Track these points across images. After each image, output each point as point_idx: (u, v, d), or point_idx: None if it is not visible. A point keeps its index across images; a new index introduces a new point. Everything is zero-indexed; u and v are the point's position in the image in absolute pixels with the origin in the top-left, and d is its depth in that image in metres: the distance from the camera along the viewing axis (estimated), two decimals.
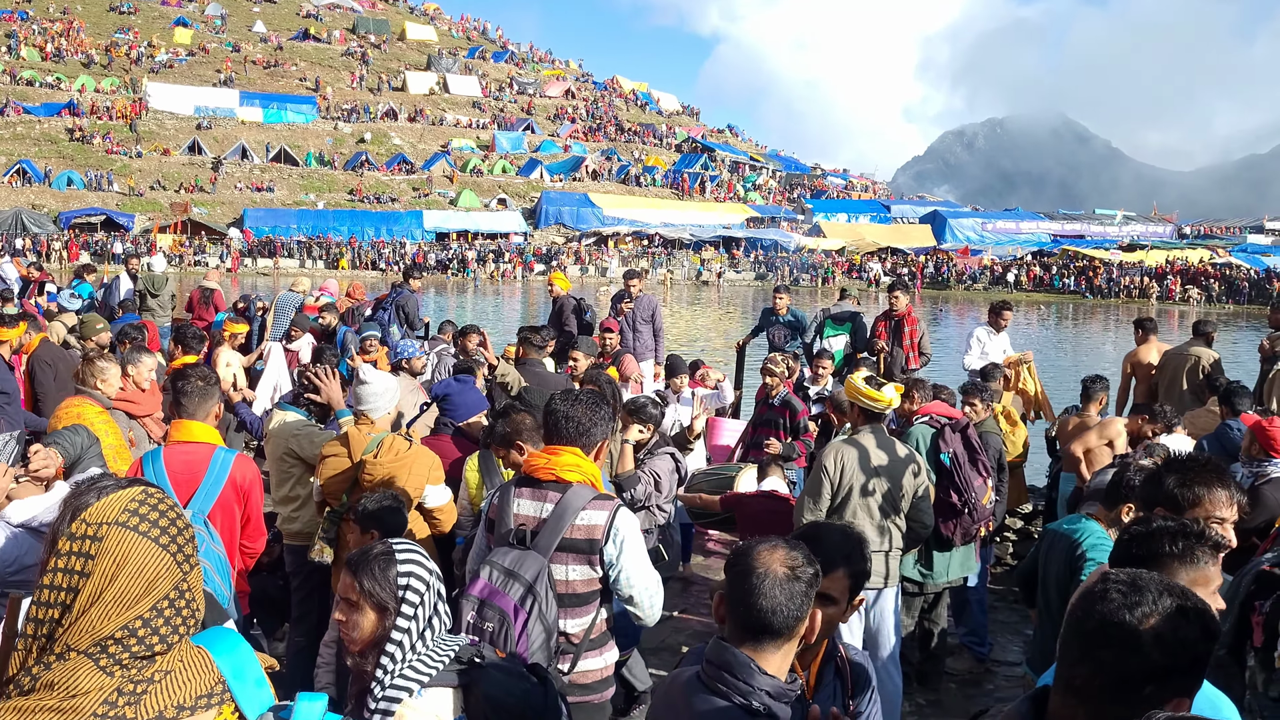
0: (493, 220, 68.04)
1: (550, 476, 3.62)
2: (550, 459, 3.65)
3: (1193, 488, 2.99)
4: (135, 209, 61.33)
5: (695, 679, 2.40)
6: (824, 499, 5.36)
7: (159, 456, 4.30)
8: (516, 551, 3.53)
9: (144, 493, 1.94)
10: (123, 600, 1.88)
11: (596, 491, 3.65)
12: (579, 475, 3.62)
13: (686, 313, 41.12)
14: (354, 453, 4.90)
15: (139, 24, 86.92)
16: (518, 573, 3.47)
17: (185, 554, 1.96)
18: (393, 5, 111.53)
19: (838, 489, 5.37)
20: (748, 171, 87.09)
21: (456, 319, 12.96)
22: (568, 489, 3.59)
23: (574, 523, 3.55)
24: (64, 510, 1.88)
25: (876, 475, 5.38)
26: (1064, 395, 12.69)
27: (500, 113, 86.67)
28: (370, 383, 5.17)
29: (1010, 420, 8.93)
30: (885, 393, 5.39)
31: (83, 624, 1.85)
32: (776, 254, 64.96)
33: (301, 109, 78.18)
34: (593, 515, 3.56)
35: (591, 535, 3.54)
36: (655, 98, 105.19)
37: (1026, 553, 9.21)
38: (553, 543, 3.52)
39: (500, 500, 3.71)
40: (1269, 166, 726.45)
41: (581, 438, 3.69)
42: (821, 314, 11.71)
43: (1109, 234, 76.95)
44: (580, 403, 3.75)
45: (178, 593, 1.94)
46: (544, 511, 3.59)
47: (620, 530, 3.58)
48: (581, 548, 3.55)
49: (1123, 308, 50.30)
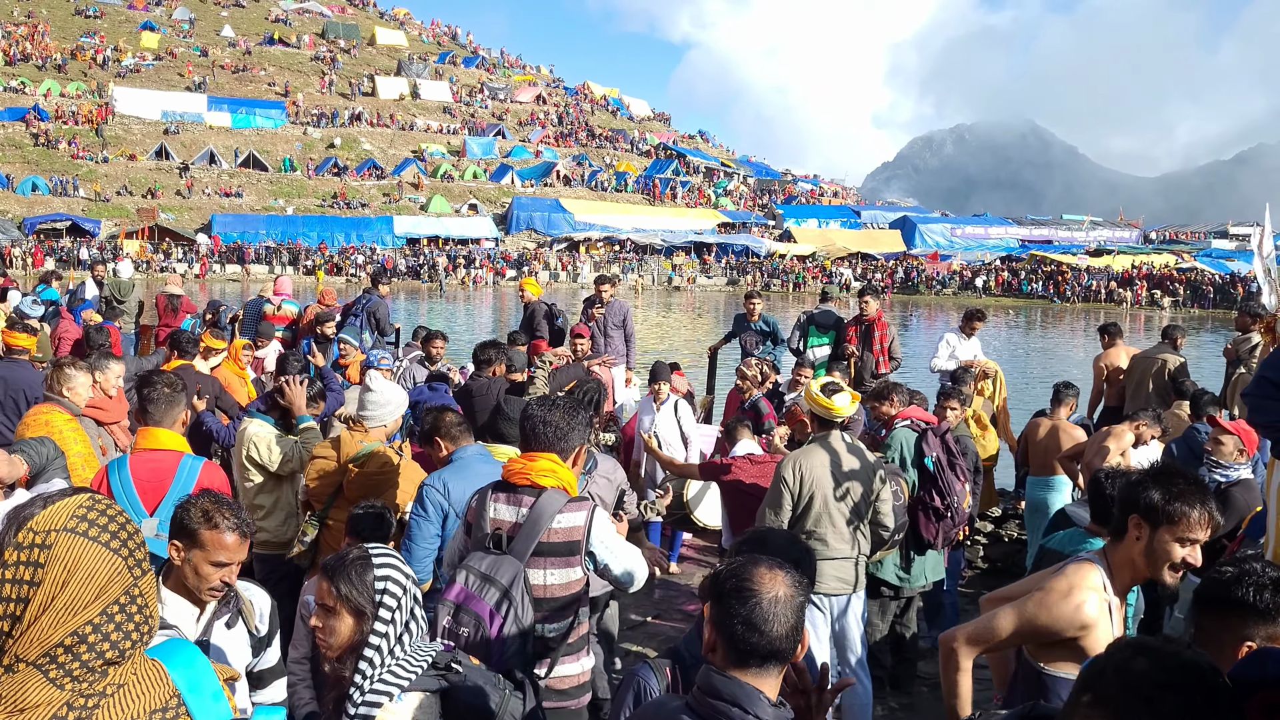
0: (464, 226, 67.84)
1: (526, 481, 3.64)
2: (526, 464, 3.67)
3: (1176, 503, 2.97)
4: (101, 214, 60.72)
5: (690, 712, 2.28)
6: (785, 510, 5.35)
7: (125, 464, 4.25)
8: (493, 556, 3.54)
9: (91, 499, 1.92)
10: (74, 606, 1.84)
11: (570, 495, 3.67)
12: (554, 480, 3.64)
13: (658, 318, 41.13)
14: (342, 457, 4.88)
15: (105, 28, 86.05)
16: (494, 577, 3.47)
17: (136, 558, 1.94)
18: (362, 10, 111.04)
19: (798, 498, 5.36)
20: (719, 177, 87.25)
21: (428, 325, 12.92)
22: (542, 494, 3.61)
23: (551, 526, 3.56)
24: (8, 522, 1.84)
25: (838, 482, 5.38)
26: (1035, 399, 12.81)
27: (471, 118, 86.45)
28: (376, 392, 5.14)
29: (980, 424, 9.01)
30: (838, 401, 5.36)
31: (32, 634, 1.82)
32: (748, 259, 65.15)
33: (270, 114, 77.65)
34: (570, 518, 3.60)
35: (571, 537, 3.58)
36: (626, 103, 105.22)
37: (998, 555, 9.29)
38: (529, 547, 3.54)
39: (477, 504, 3.72)
40: (1232, 172, 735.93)
41: (559, 442, 3.72)
42: (805, 317, 11.65)
43: (1076, 239, 77.70)
44: (558, 408, 3.77)
45: (129, 598, 1.91)
46: (520, 516, 3.61)
47: (598, 528, 3.65)
48: (561, 550, 3.58)
49: (1090, 312, 50.76)
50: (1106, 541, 3.25)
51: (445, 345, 10.29)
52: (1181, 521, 2.96)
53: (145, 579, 1.96)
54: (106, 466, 4.31)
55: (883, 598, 6.24)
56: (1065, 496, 7.87)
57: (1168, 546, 2.97)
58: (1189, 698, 1.59)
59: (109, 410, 5.75)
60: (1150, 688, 1.61)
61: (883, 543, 5.64)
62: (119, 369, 6.00)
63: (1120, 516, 3.11)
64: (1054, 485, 8.08)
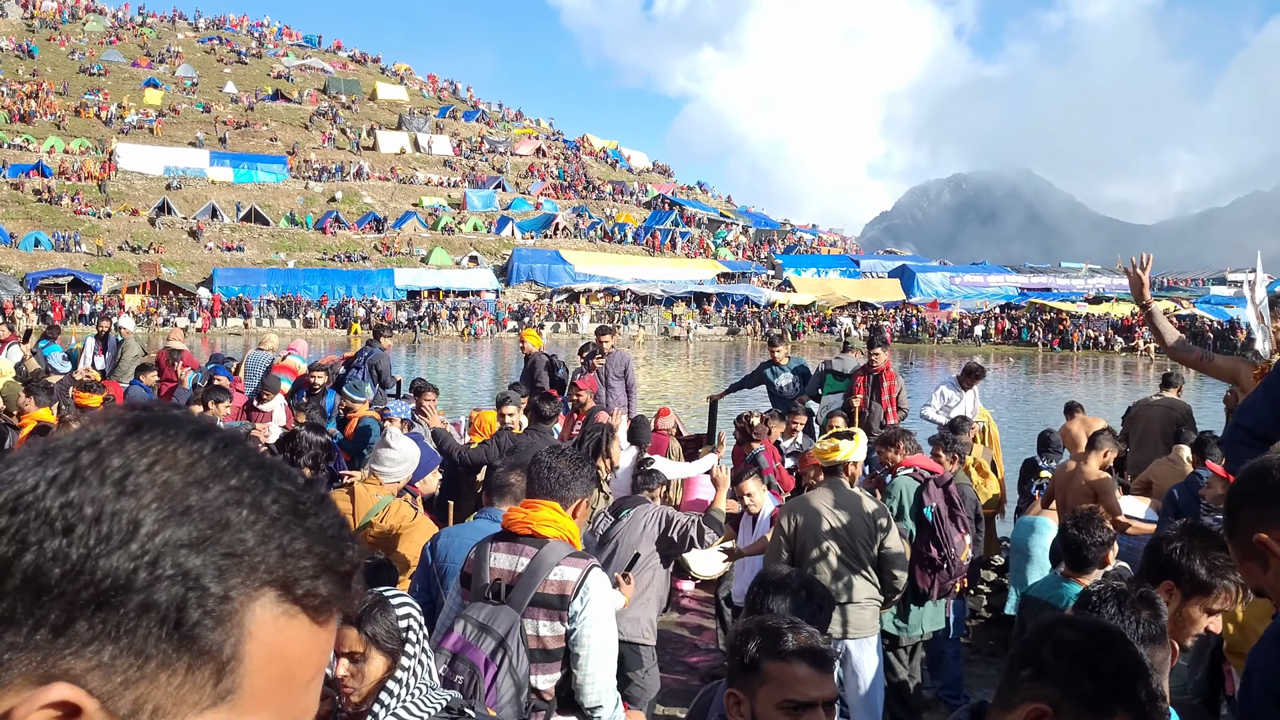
0: (464, 278, 68.12)
1: (527, 531, 3.60)
2: (528, 513, 3.63)
3: (1218, 578, 2.88)
4: (103, 269, 60.99)
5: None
6: (782, 558, 5.40)
7: None
8: (490, 606, 3.52)
9: None
10: None
11: (572, 548, 3.64)
12: (555, 531, 3.60)
13: (658, 368, 41.18)
14: (358, 512, 4.89)
15: (109, 85, 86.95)
16: (490, 627, 3.45)
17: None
18: (364, 66, 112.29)
19: (793, 544, 5.41)
20: (718, 228, 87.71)
21: (429, 377, 12.96)
22: (544, 544, 3.58)
23: (547, 578, 3.53)
24: None
25: (833, 529, 5.43)
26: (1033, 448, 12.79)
27: (471, 171, 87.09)
28: (394, 449, 5.16)
29: (981, 472, 9.03)
30: (841, 445, 5.47)
31: None
32: (747, 309, 65.36)
33: (272, 168, 78.23)
34: (566, 571, 3.54)
35: (563, 591, 3.52)
36: (625, 155, 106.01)
37: (1000, 604, 9.25)
38: (526, 597, 3.51)
39: (477, 555, 3.70)
40: (1228, 219, 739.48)
41: (561, 489, 3.68)
42: (823, 366, 11.66)
43: (1075, 287, 77.85)
44: (564, 456, 3.76)
45: None
46: (519, 565, 3.58)
47: (591, 589, 3.54)
48: (553, 603, 3.53)
49: (1092, 360, 50.83)
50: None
51: (437, 398, 10.34)
52: (1220, 596, 2.90)
53: None
54: None
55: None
56: (1048, 540, 7.70)
57: (1196, 617, 2.92)
58: (1119, 657, 1.83)
59: None
60: (1087, 653, 1.82)
61: (896, 592, 5.64)
62: None
63: (1149, 579, 2.99)
64: (1038, 527, 7.92)
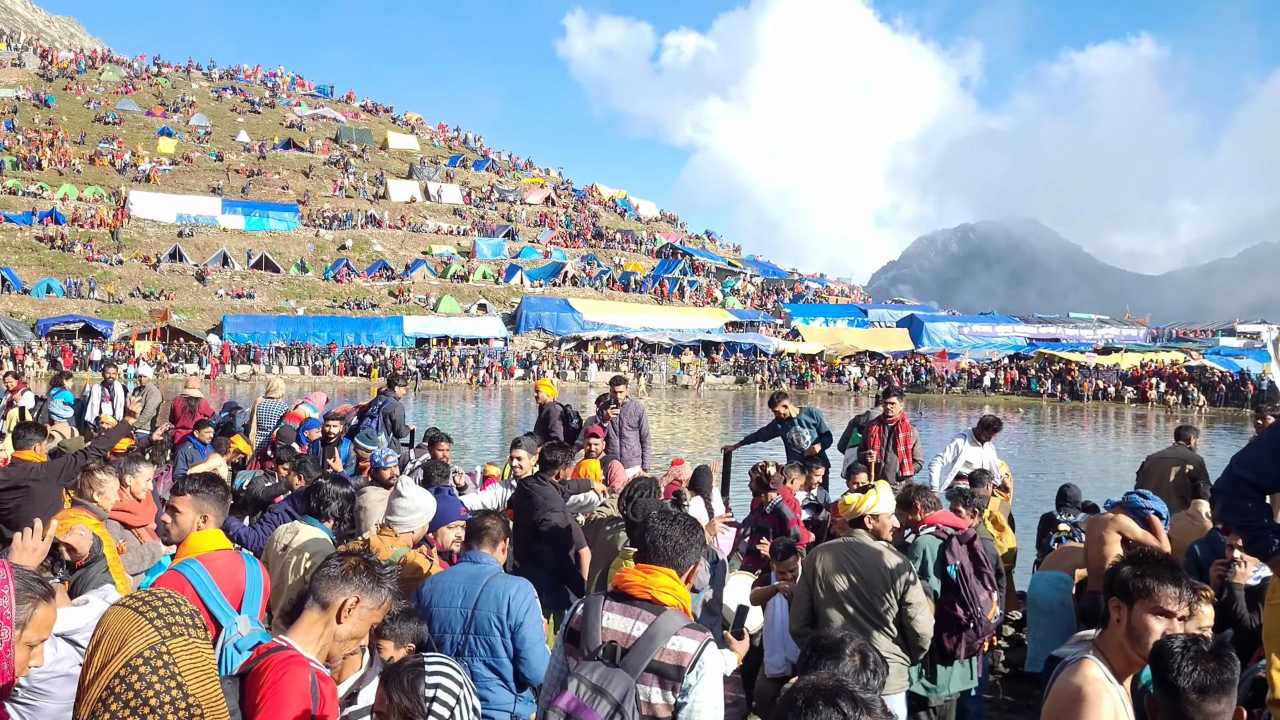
0: (473, 325, 68.35)
1: (645, 595, 3.56)
2: (647, 578, 3.59)
3: (1146, 579, 3.12)
4: (114, 316, 61.32)
5: None
6: (803, 608, 5.45)
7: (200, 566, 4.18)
8: (604, 668, 3.45)
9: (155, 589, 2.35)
10: (106, 661, 2.16)
11: (688, 618, 3.60)
12: (673, 599, 3.57)
13: (665, 417, 41.14)
14: None
15: (124, 134, 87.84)
16: (605, 690, 3.39)
17: (167, 622, 2.22)
18: (376, 115, 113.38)
19: (813, 595, 5.47)
20: (726, 277, 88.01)
21: (440, 426, 12.96)
22: (662, 610, 3.53)
23: (664, 646, 3.47)
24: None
25: (850, 583, 5.44)
26: (1045, 501, 12.74)
27: (481, 219, 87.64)
28: (406, 498, 5.15)
29: (998, 525, 8.98)
30: (867, 499, 5.56)
31: (87, 695, 2.16)
32: (755, 358, 65.41)
33: (284, 216, 78.84)
34: (684, 642, 3.48)
35: (679, 662, 3.46)
36: (634, 204, 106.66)
37: (1019, 660, 9.16)
38: (642, 663, 3.45)
39: (587, 613, 3.63)
40: (1236, 270, 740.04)
41: (677, 557, 3.65)
42: (860, 418, 11.75)
43: (1084, 337, 77.93)
44: (678, 523, 3.72)
45: (154, 653, 2.16)
46: (635, 629, 3.52)
47: (706, 664, 3.49)
48: (669, 673, 3.46)
49: (1101, 410, 50.70)
50: (1098, 634, 3.32)
51: (450, 447, 10.37)
52: (1153, 594, 3.10)
53: (176, 641, 2.20)
54: (177, 569, 4.23)
55: (911, 709, 6.14)
56: (1066, 595, 7.61)
57: (1146, 621, 3.11)
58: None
59: (137, 514, 5.77)
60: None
61: (919, 649, 5.58)
62: (148, 472, 6.03)
63: (1105, 604, 3.26)
64: (1055, 583, 7.85)
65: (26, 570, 2.79)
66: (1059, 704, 3.15)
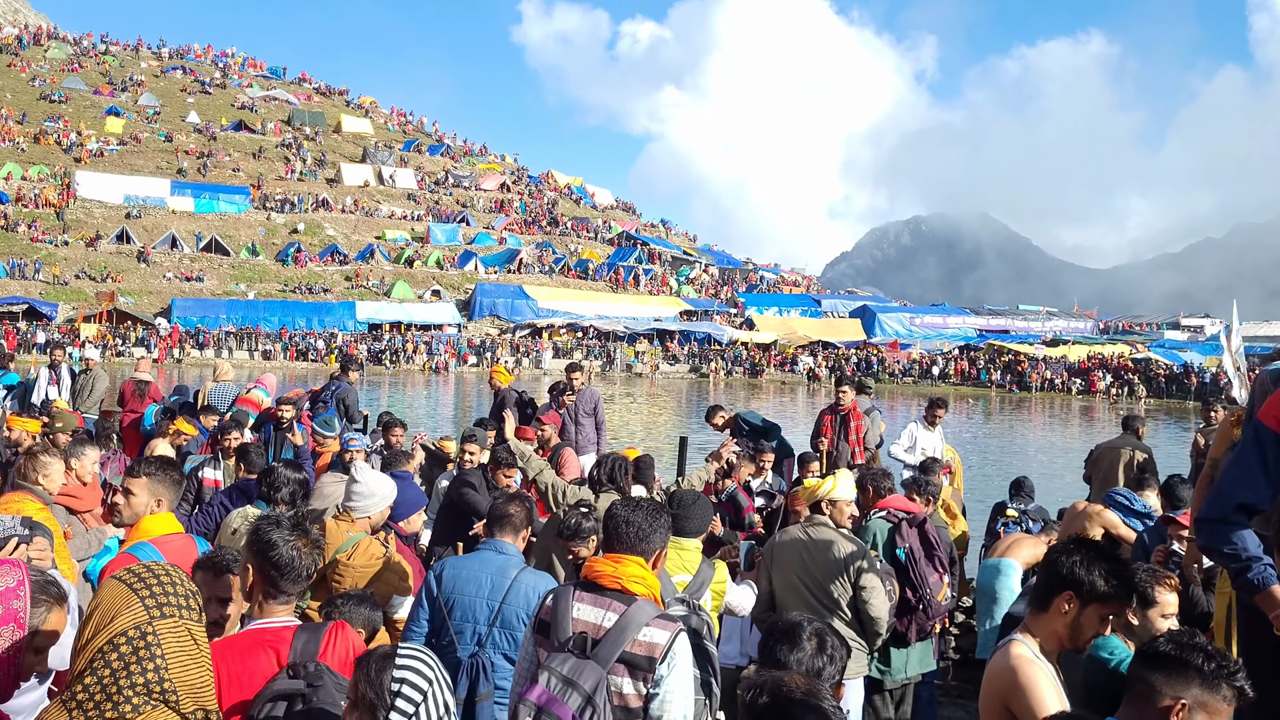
0: (426, 311, 67.89)
1: (615, 585, 3.54)
2: (616, 567, 3.57)
3: (1119, 590, 3.10)
4: (59, 298, 60.25)
5: None
6: (764, 594, 5.53)
7: (153, 550, 4.10)
8: (575, 659, 3.42)
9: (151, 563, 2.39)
10: (92, 634, 2.16)
11: (660, 609, 3.59)
12: (643, 589, 3.55)
13: (621, 405, 41.13)
14: (328, 549, 4.80)
15: (70, 113, 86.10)
16: (576, 682, 3.35)
17: (158, 601, 2.22)
18: (329, 98, 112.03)
19: (771, 581, 5.57)
20: (681, 265, 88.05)
21: (391, 412, 12.86)
22: (633, 600, 3.51)
23: (636, 637, 3.45)
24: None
25: (805, 568, 5.52)
26: (994, 491, 12.87)
27: (436, 205, 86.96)
28: (361, 482, 5.08)
29: (950, 513, 9.06)
30: (824, 483, 5.63)
31: (73, 668, 2.19)
32: (710, 346, 65.57)
33: (234, 199, 77.74)
34: (655, 633, 3.47)
35: (651, 653, 3.44)
36: (590, 192, 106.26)
37: (969, 646, 9.25)
38: (613, 654, 3.42)
39: (556, 603, 3.61)
40: (1181, 265, 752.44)
41: (642, 543, 3.63)
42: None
43: (1033, 329, 78.83)
44: (641, 509, 3.70)
45: (139, 633, 2.17)
46: (606, 620, 3.49)
47: (677, 655, 3.49)
48: (640, 664, 3.44)
49: (1049, 401, 51.39)
50: (1028, 614, 3.32)
51: (404, 433, 10.48)
52: (1112, 604, 3.09)
53: (164, 622, 2.21)
54: (129, 552, 4.12)
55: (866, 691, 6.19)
56: (1014, 582, 7.59)
57: (1095, 624, 3.11)
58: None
59: (82, 498, 5.65)
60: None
61: (876, 634, 5.62)
62: (95, 455, 5.90)
63: (1048, 590, 3.20)
64: (1003, 569, 7.80)
65: (41, 573, 2.81)
66: (998, 685, 3.17)
